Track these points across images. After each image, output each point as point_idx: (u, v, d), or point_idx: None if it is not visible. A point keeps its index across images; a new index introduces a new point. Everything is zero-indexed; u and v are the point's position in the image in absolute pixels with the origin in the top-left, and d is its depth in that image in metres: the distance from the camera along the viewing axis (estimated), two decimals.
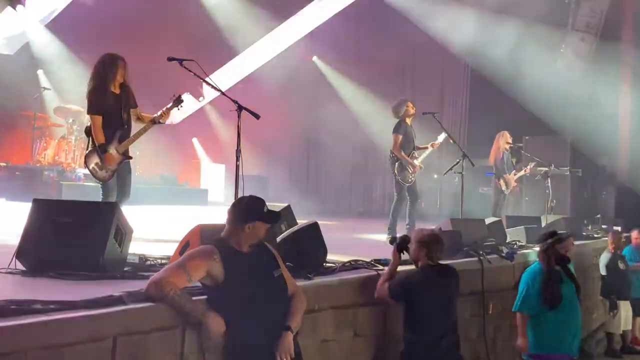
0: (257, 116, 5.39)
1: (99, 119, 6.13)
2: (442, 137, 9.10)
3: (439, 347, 4.59)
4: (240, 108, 5.40)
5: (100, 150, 6.13)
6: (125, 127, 6.32)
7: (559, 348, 5.62)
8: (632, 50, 13.99)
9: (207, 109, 13.63)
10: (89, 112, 6.18)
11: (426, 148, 9.09)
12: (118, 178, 6.35)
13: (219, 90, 5.49)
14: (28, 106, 11.41)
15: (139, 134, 6.34)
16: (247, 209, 3.75)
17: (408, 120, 8.91)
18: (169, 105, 6.28)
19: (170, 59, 5.67)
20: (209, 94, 13.23)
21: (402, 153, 8.68)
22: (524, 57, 13.14)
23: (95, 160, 6.19)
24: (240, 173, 5.33)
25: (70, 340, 2.90)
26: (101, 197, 6.31)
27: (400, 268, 4.92)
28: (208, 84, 5.55)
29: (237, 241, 3.69)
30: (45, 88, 11.79)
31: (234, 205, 3.82)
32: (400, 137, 8.73)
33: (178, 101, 6.25)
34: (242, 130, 5.53)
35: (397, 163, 8.72)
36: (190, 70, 5.64)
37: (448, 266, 4.97)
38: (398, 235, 5.00)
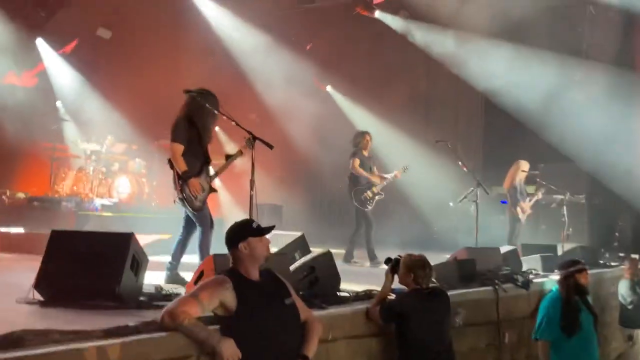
0: (270, 146, 5.46)
1: (180, 148, 5.93)
2: (404, 168, 9.49)
3: None
4: (254, 138, 5.47)
5: (186, 177, 5.92)
6: (208, 160, 6.21)
7: None
8: None
9: (222, 139, 13.77)
10: (172, 140, 5.97)
11: (387, 178, 9.39)
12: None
13: (233, 120, 5.58)
14: (47, 137, 11.60)
15: (223, 169, 6.31)
16: (236, 230, 3.81)
17: (365, 152, 9.35)
18: (243, 145, 6.06)
19: (186, 92, 5.79)
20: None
21: (362, 171, 9.14)
22: (539, 86, 13.16)
23: (186, 189, 5.95)
24: (254, 203, 5.38)
25: None
26: (199, 228, 6.07)
27: None
28: (222, 114, 5.65)
29: (244, 268, 3.73)
30: (64, 119, 11.98)
31: (226, 234, 3.86)
32: (357, 160, 9.21)
33: (251, 143, 5.84)
34: (256, 160, 5.60)
35: (354, 190, 9.15)
36: (205, 104, 5.74)
37: (438, 289, 5.01)
38: (393, 257, 5.02)
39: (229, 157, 6.29)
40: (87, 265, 4.25)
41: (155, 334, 3.36)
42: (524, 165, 10.87)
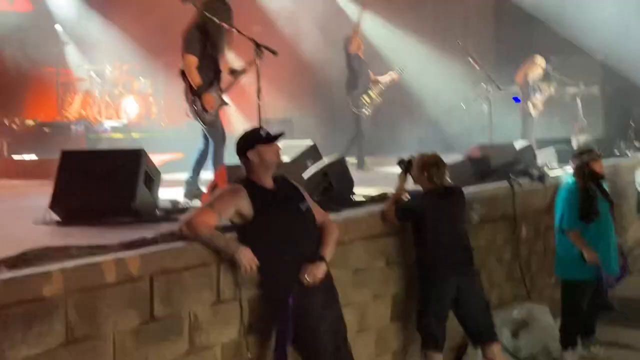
0: (274, 52, 5.33)
1: (194, 60, 5.79)
2: (400, 69, 9.40)
3: (451, 263, 4.69)
4: (257, 45, 5.34)
5: (200, 92, 5.78)
6: (219, 71, 6.04)
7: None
8: None
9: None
10: (184, 51, 5.79)
11: (383, 81, 9.27)
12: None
13: (234, 28, 5.43)
14: (50, 62, 11.43)
15: (230, 85, 6.14)
16: (244, 139, 3.77)
17: (360, 54, 9.15)
18: (247, 62, 5.96)
19: (183, 0, 5.62)
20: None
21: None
22: None
23: (199, 102, 5.83)
24: (262, 113, 5.31)
25: (107, 281, 2.98)
26: (211, 142, 5.99)
27: None
28: (222, 23, 5.50)
29: (257, 176, 3.70)
30: (65, 42, 11.77)
31: (235, 144, 3.81)
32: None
33: (259, 53, 5.64)
34: (263, 75, 5.48)
35: (350, 95, 9.06)
36: (204, 12, 5.58)
37: (452, 186, 4.98)
38: (406, 158, 4.97)
39: (233, 72, 6.14)
40: (100, 183, 4.25)
41: (173, 244, 3.37)
42: (540, 60, 10.61)
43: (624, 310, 7.05)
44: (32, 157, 10.08)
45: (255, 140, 3.71)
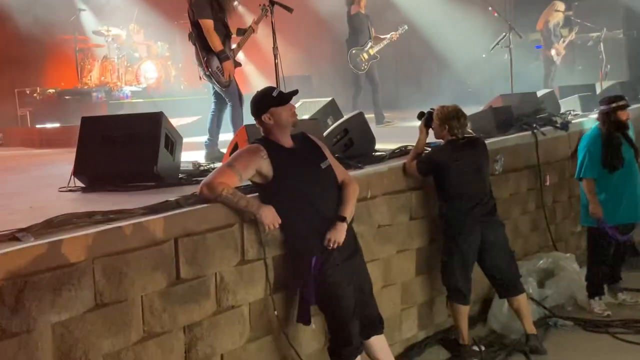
0: (289, 9, 5.27)
1: (211, 23, 5.73)
2: (402, 29, 9.24)
3: (474, 215, 4.68)
4: (272, 3, 5.27)
5: (223, 57, 5.77)
6: (230, 33, 6.01)
7: (625, 216, 5.61)
8: None
9: (241, 11, 13.36)
10: (199, 17, 5.75)
11: (383, 39, 9.19)
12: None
13: None
14: (66, 30, 11.43)
15: (240, 45, 6.15)
16: (255, 102, 3.71)
17: (363, 10, 9.10)
18: (258, 17, 5.95)
19: None
20: None
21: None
22: None
23: (216, 64, 5.82)
24: (280, 71, 5.27)
25: (133, 245, 3.01)
26: (229, 103, 6.00)
27: None
28: None
29: (274, 136, 3.67)
30: (80, 9, 11.75)
31: (250, 106, 3.76)
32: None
33: (265, 10, 5.77)
34: (279, 32, 5.42)
35: (348, 52, 9.06)
36: None
37: (474, 137, 4.94)
38: (426, 111, 4.93)
39: (240, 32, 6.09)
40: (122, 148, 4.26)
41: (196, 206, 3.39)
42: (559, 5, 10.39)
43: None
44: (55, 125, 10.17)
45: (267, 102, 3.65)
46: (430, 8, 12.71)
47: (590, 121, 7.08)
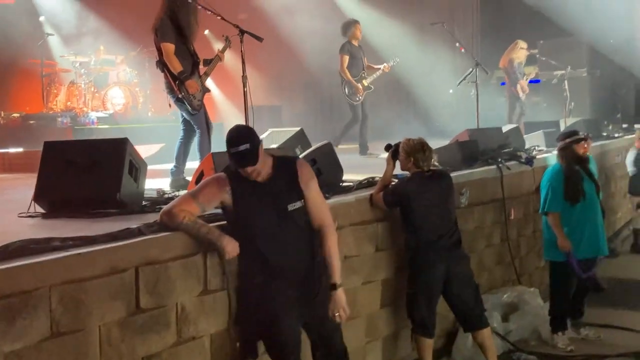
0: (259, 39, 5.28)
1: (171, 47, 5.70)
2: (394, 61, 9.27)
3: (440, 247, 4.69)
4: (242, 32, 5.28)
5: (182, 77, 5.70)
6: (197, 59, 5.98)
7: (587, 250, 5.68)
8: None
9: (211, 39, 13.39)
10: (161, 41, 5.71)
11: (377, 70, 9.20)
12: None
13: (218, 15, 5.36)
14: (34, 54, 11.31)
15: (207, 74, 6.07)
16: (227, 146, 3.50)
17: (355, 42, 9.09)
18: (223, 47, 6.00)
19: None
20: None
21: (348, 74, 8.94)
22: None
23: (184, 88, 5.74)
24: (248, 100, 5.26)
25: (92, 273, 2.94)
26: (197, 130, 5.92)
27: None
28: (206, 9, 5.45)
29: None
30: (48, 34, 11.65)
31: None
32: (347, 57, 8.97)
33: (229, 41, 5.90)
34: (250, 62, 5.42)
35: (344, 83, 9.01)
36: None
37: (439, 170, 4.98)
38: (393, 143, 4.97)
39: (206, 62, 6.08)
40: (85, 174, 4.18)
41: (159, 234, 3.33)
42: (522, 43, 10.63)
43: (612, 290, 7.09)
44: (19, 150, 9.99)
45: (229, 152, 3.47)
46: (399, 42, 12.90)
47: (554, 157, 7.19)
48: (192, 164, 6.04)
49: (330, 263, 3.61)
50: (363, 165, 7.38)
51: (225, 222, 3.59)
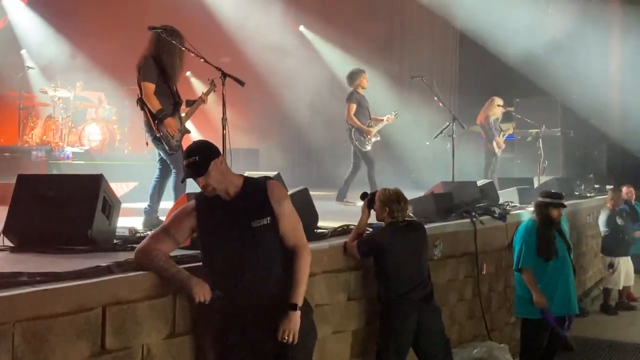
0: (242, 83, 5.31)
1: (152, 87, 5.70)
2: (395, 113, 9.29)
3: (412, 299, 4.67)
4: (224, 75, 5.32)
5: (161, 116, 5.69)
6: (179, 100, 5.98)
7: (560, 307, 5.71)
8: (620, 7, 13.91)
9: (192, 81, 13.48)
10: (142, 80, 5.72)
11: (381, 120, 9.23)
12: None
13: (202, 57, 5.40)
14: (13, 86, 11.28)
15: (188, 116, 6.08)
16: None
17: (361, 91, 9.13)
18: (207, 90, 6.00)
19: (150, 28, 5.60)
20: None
21: (357, 121, 8.94)
22: (514, 20, 13.03)
23: (162, 127, 5.72)
24: (227, 142, 5.27)
25: (58, 310, 2.87)
26: (173, 171, 5.88)
27: None
28: (190, 51, 5.49)
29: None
30: (29, 67, 11.64)
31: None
32: (354, 105, 8.99)
33: (213, 85, 5.86)
34: (231, 105, 5.45)
35: (352, 130, 8.97)
36: (172, 40, 5.56)
37: (414, 222, 5.01)
38: (369, 192, 5.00)
39: (189, 103, 6.11)
40: (57, 209, 4.12)
41: (129, 273, 3.28)
42: (498, 100, 10.85)
43: (581, 350, 7.11)
44: None
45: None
46: (377, 93, 13.08)
47: (527, 213, 7.27)
48: (167, 204, 6.00)
49: (297, 282, 3.43)
50: (338, 212, 7.37)
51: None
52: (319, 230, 5.12)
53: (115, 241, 4.39)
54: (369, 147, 9.03)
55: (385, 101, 12.78)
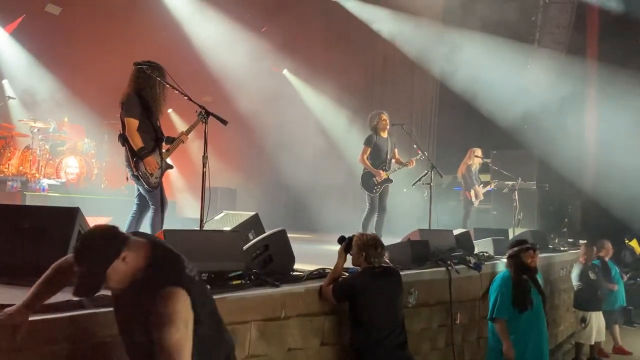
0: (224, 122, 5.34)
1: (135, 123, 5.73)
2: (420, 156, 9.09)
3: (386, 346, 4.64)
4: (207, 114, 5.34)
5: (142, 155, 5.73)
6: (161, 136, 6.01)
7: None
8: (596, 66, 14.27)
9: (173, 118, 13.51)
10: (125, 115, 5.75)
11: (401, 164, 9.12)
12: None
13: (185, 95, 5.43)
14: None
15: (168, 154, 6.09)
16: None
17: (382, 134, 9.01)
18: (188, 127, 6.01)
19: (135, 64, 5.63)
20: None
21: (367, 162, 8.86)
22: (492, 73, 13.31)
23: (141, 165, 5.76)
24: (207, 180, 5.26)
25: (25, 344, 2.81)
26: (151, 207, 5.91)
27: None
28: (174, 87, 5.51)
29: None
30: (10, 97, 11.58)
31: None
32: (369, 149, 8.91)
33: (202, 116, 5.58)
34: (212, 144, 5.46)
35: (362, 173, 8.89)
36: (156, 76, 5.58)
37: (390, 268, 5.01)
38: (347, 236, 5.00)
39: (169, 140, 6.11)
40: (31, 241, 4.06)
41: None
42: (478, 151, 11.01)
43: None
44: None
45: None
46: (356, 138, 13.21)
47: (502, 264, 7.30)
48: None
49: None
50: (315, 255, 7.34)
51: None
52: (295, 273, 5.10)
53: None
54: (376, 192, 8.92)
55: (360, 144, 12.90)
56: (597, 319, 9.05)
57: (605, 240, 10.01)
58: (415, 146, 9.07)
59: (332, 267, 4.95)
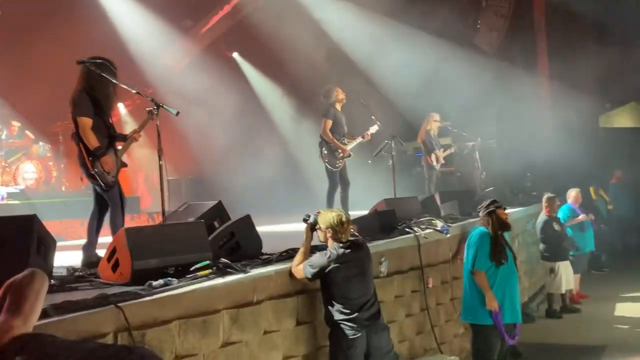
0: (175, 112, 5.26)
1: (88, 122, 5.57)
2: (374, 128, 9.02)
3: (359, 319, 4.66)
4: (157, 106, 5.26)
5: (98, 154, 5.59)
6: (113, 133, 5.85)
7: (508, 315, 5.81)
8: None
9: (124, 114, 13.29)
10: (77, 115, 5.58)
11: (357, 139, 9.03)
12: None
13: (133, 90, 5.33)
14: None
15: (125, 148, 5.93)
16: None
17: (338, 106, 8.90)
18: (140, 124, 5.83)
19: (79, 62, 5.50)
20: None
21: (331, 136, 8.70)
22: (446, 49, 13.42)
23: (98, 164, 5.61)
24: (164, 173, 5.20)
25: None
26: (110, 206, 5.77)
27: None
28: (121, 84, 5.41)
29: None
30: None
31: None
32: (330, 121, 8.73)
33: (151, 115, 5.51)
34: (170, 137, 5.39)
35: (324, 148, 8.76)
36: (102, 74, 5.46)
37: (357, 241, 5.01)
38: (312, 214, 4.99)
39: (122, 137, 5.99)
40: None
41: (65, 316, 3.19)
42: (436, 116, 11.05)
43: (531, 356, 7.23)
44: None
45: None
46: (309, 118, 13.19)
47: (468, 225, 7.39)
48: (106, 239, 5.87)
49: None
50: (282, 237, 7.34)
51: None
52: (264, 256, 5.09)
53: (52, 282, 4.25)
54: (338, 167, 8.80)
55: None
56: (565, 269, 9.25)
57: (570, 189, 10.21)
58: (373, 117, 9.04)
59: (299, 247, 4.94)
